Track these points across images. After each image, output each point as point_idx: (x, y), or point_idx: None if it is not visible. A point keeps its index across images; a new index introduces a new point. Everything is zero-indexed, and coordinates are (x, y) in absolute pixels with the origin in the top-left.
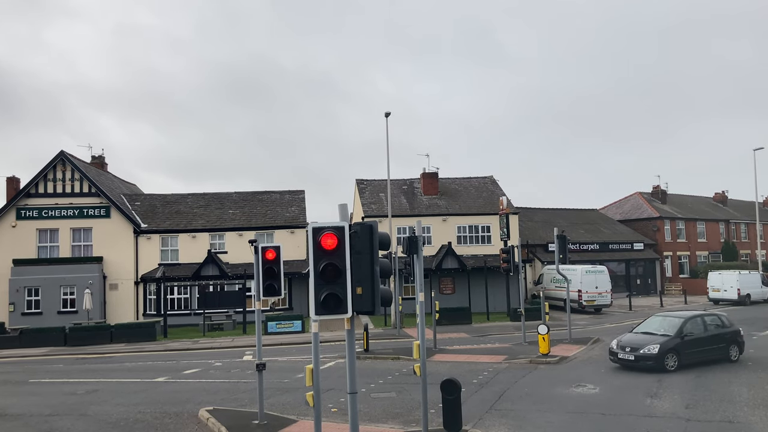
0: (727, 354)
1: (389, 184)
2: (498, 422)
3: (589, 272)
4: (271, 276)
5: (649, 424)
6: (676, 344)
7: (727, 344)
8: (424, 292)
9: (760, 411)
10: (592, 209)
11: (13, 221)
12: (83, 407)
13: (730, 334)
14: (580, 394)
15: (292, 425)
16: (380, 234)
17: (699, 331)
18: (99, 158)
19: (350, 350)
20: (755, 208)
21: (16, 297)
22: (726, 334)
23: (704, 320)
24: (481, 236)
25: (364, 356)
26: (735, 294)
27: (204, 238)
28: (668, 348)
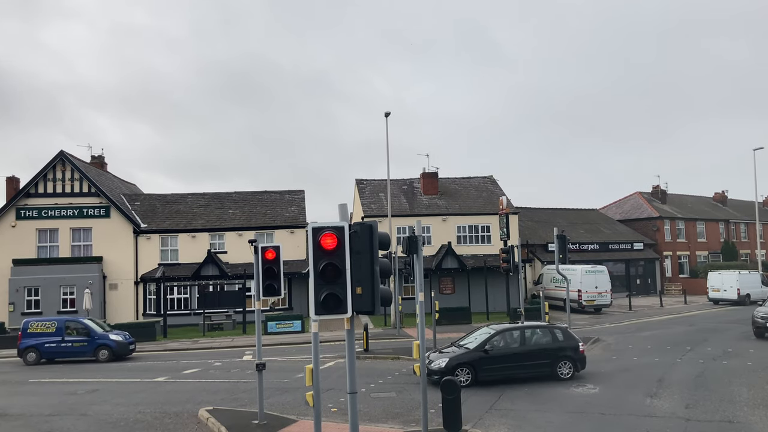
0: (555, 371)
1: (389, 184)
2: (498, 422)
3: (589, 272)
4: (270, 276)
5: (649, 424)
6: (472, 358)
7: (555, 360)
8: (423, 292)
9: (760, 411)
10: (592, 209)
11: (13, 221)
12: (83, 407)
13: (561, 349)
14: (579, 393)
15: (292, 425)
16: (380, 234)
17: (512, 344)
18: (99, 158)
19: (350, 350)
20: (755, 208)
21: (15, 297)
22: (556, 349)
23: (524, 333)
24: (480, 236)
25: (363, 356)
26: (735, 294)
27: (204, 238)
28: (460, 362)
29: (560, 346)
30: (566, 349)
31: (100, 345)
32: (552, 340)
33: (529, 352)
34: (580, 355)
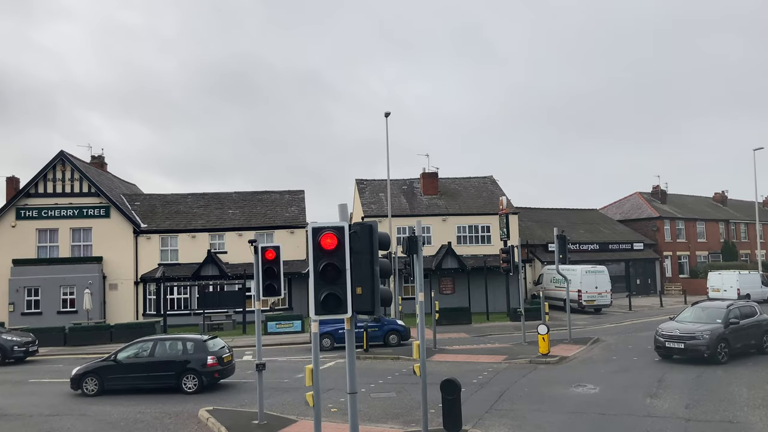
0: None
1: (389, 184)
2: (498, 422)
3: (589, 272)
4: (270, 276)
5: (649, 424)
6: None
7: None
8: (423, 292)
9: (760, 411)
10: (592, 209)
11: (13, 221)
12: (83, 407)
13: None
14: (579, 394)
15: (292, 425)
16: (380, 234)
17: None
18: (98, 158)
19: (350, 350)
20: (755, 208)
21: (15, 297)
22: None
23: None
24: (480, 236)
25: (364, 356)
26: (735, 294)
27: (204, 238)
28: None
29: (187, 358)
30: (193, 362)
31: None
32: (182, 353)
33: (156, 363)
34: (206, 369)
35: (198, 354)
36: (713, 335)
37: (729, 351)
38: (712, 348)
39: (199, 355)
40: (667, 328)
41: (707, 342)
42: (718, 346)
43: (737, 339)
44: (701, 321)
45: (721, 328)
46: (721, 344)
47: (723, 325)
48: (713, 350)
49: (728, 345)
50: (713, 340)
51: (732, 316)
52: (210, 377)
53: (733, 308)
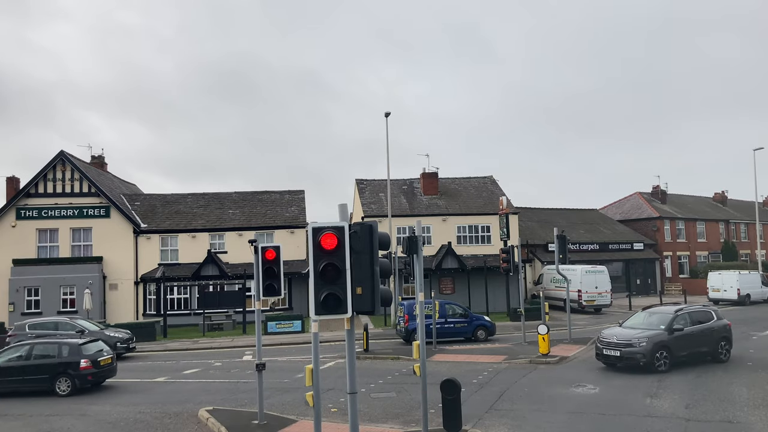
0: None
1: (389, 184)
2: (498, 422)
3: (589, 272)
4: (270, 276)
5: (649, 425)
6: None
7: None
8: (423, 292)
9: (760, 411)
10: (592, 209)
11: (13, 221)
12: (83, 407)
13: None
14: (579, 394)
15: (292, 425)
16: (380, 234)
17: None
18: (99, 158)
19: (350, 350)
20: (755, 208)
21: (16, 297)
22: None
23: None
24: (480, 236)
25: (363, 356)
26: (735, 294)
27: (204, 238)
28: None
29: (61, 362)
30: (67, 365)
31: None
32: (56, 356)
33: (32, 366)
34: (80, 372)
35: (72, 357)
36: (650, 342)
37: (671, 359)
38: (649, 356)
39: (73, 358)
40: (607, 335)
41: (643, 350)
42: (656, 353)
43: (682, 346)
44: (646, 327)
45: (663, 334)
46: (660, 352)
47: (666, 331)
48: (650, 358)
49: (670, 353)
50: (650, 348)
51: (677, 323)
52: (83, 380)
53: (681, 314)
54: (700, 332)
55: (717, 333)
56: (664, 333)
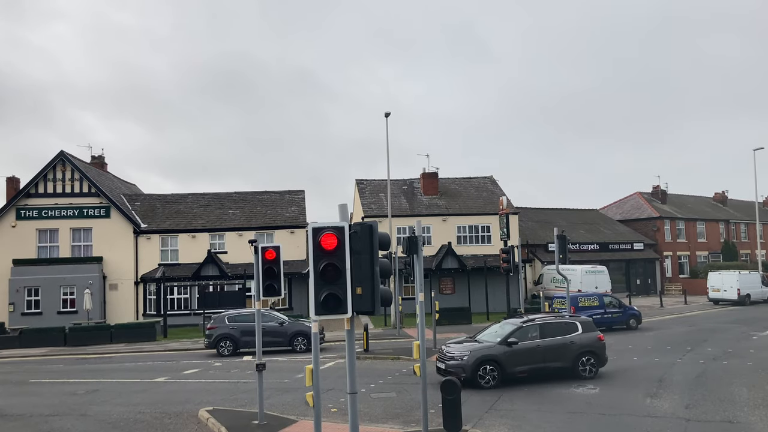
0: None
1: (389, 184)
2: (498, 422)
3: (589, 272)
4: (271, 276)
5: (649, 424)
6: None
7: None
8: (423, 292)
9: (760, 411)
10: (592, 209)
11: (13, 221)
12: (83, 407)
13: None
14: (579, 394)
15: (292, 425)
16: (380, 234)
17: None
18: (99, 158)
19: (350, 350)
20: (755, 208)
21: (16, 297)
22: None
23: None
24: (481, 236)
25: (364, 356)
26: (735, 294)
27: (204, 238)
28: None
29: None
30: None
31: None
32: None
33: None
34: None
35: None
36: (472, 356)
37: (501, 375)
38: (470, 371)
39: None
40: (450, 352)
41: (464, 364)
42: (480, 368)
43: (519, 361)
44: (489, 339)
45: (493, 348)
46: (485, 367)
47: (499, 344)
48: (471, 374)
49: (500, 368)
50: (472, 363)
51: (515, 336)
52: None
53: (526, 327)
54: (548, 346)
55: (577, 347)
56: (494, 347)
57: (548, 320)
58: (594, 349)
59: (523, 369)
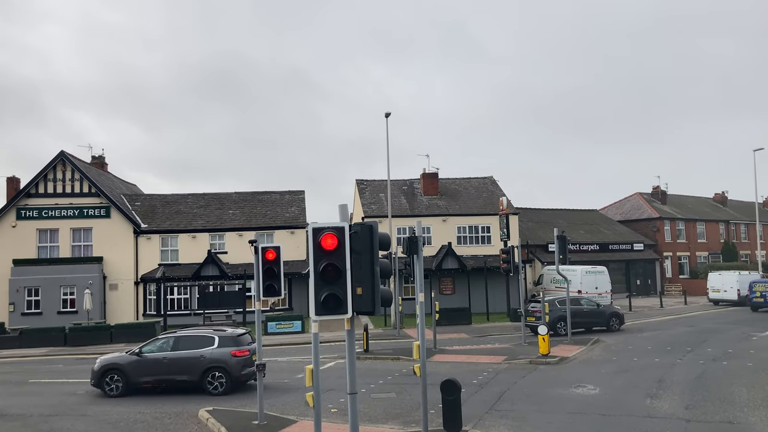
0: None
1: (389, 184)
2: (498, 423)
3: (589, 273)
4: (271, 276)
5: (649, 425)
6: None
7: None
8: (424, 292)
9: (760, 411)
10: (592, 210)
11: (13, 221)
12: (83, 407)
13: None
14: (579, 394)
15: (292, 425)
16: (380, 234)
17: None
18: (99, 158)
19: (350, 351)
20: (755, 209)
21: (16, 297)
22: None
23: None
24: (481, 236)
25: (363, 356)
26: (735, 294)
27: (204, 238)
28: None
29: None
30: None
31: None
32: None
33: None
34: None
35: None
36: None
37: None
38: (97, 378)
39: None
40: None
41: (91, 371)
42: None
43: (145, 372)
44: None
45: (124, 357)
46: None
47: (132, 354)
48: (98, 381)
49: (125, 377)
50: (98, 370)
51: (148, 347)
52: None
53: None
54: (174, 359)
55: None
56: (123, 356)
57: (187, 333)
58: (224, 364)
59: (148, 379)
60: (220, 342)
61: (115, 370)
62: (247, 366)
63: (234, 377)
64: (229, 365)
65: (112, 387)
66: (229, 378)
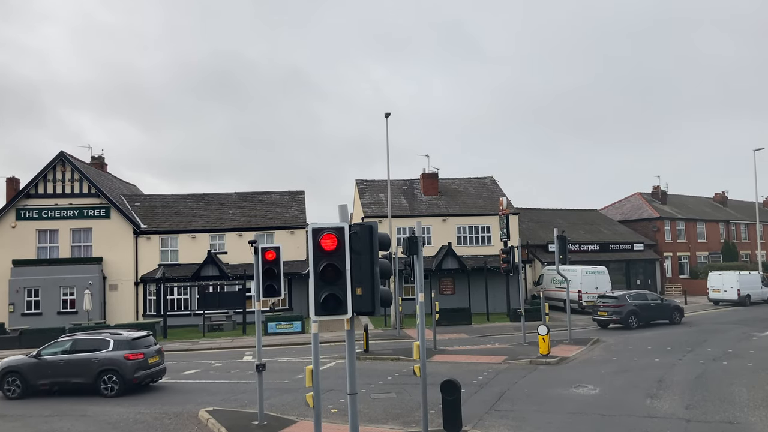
0: None
1: (389, 184)
2: (498, 423)
3: (589, 273)
4: (270, 276)
5: (649, 425)
6: None
7: None
8: (423, 292)
9: (760, 412)
10: (592, 210)
11: (13, 222)
12: (83, 407)
13: None
14: (579, 394)
15: (292, 426)
16: (380, 234)
17: None
18: (99, 159)
19: (350, 351)
20: (755, 209)
21: (15, 297)
22: None
23: None
24: (481, 237)
25: (363, 357)
26: (735, 294)
27: (204, 238)
28: None
29: None
30: None
31: None
32: None
33: None
34: None
35: None
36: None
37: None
38: None
39: None
40: None
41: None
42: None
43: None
44: None
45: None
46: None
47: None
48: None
49: (23, 379)
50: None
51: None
52: None
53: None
54: (70, 361)
55: (99, 364)
56: (23, 359)
57: (84, 336)
58: (117, 367)
59: (45, 382)
60: (115, 345)
61: (14, 372)
62: (141, 369)
63: (127, 379)
64: (122, 368)
65: (11, 389)
66: (122, 380)
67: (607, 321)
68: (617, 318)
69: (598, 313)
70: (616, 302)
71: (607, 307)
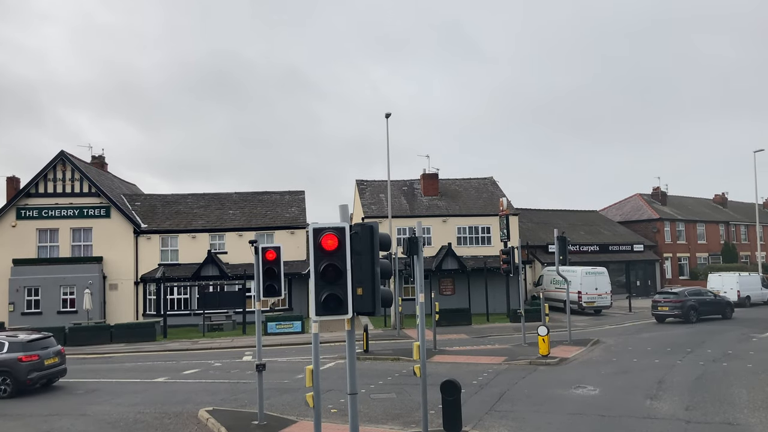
0: None
1: (389, 185)
2: (498, 423)
3: (589, 273)
4: (271, 276)
5: (649, 426)
6: None
7: None
8: (424, 293)
9: (760, 413)
10: (592, 211)
11: (13, 221)
12: (83, 407)
13: None
14: (579, 395)
15: (292, 426)
16: (381, 235)
17: None
18: (99, 158)
19: (350, 351)
20: (755, 210)
21: (15, 297)
22: None
23: None
24: (481, 237)
25: (363, 357)
26: (735, 295)
27: (204, 238)
28: None
29: None
30: None
31: None
32: None
33: None
34: None
35: None
36: None
37: None
38: None
39: None
40: None
41: None
42: None
43: None
44: None
45: None
46: None
47: None
48: None
49: None
50: None
51: None
52: None
53: None
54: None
55: None
56: None
57: None
58: (9, 369)
59: None
60: (9, 347)
61: None
62: (35, 370)
63: (20, 381)
64: (14, 370)
65: None
66: (14, 382)
67: (666, 315)
68: (678, 312)
69: (659, 308)
70: (676, 298)
71: (668, 303)
